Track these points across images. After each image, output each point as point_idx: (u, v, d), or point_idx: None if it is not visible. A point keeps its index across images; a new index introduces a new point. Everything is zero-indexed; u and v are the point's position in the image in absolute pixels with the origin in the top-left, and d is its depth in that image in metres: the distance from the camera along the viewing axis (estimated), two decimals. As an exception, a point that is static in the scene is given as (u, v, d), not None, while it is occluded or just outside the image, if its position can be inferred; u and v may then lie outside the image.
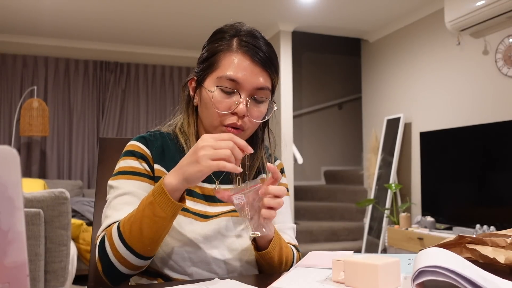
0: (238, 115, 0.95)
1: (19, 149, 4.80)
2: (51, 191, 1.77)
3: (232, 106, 0.94)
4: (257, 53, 0.96)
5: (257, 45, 0.97)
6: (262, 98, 0.98)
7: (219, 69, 0.96)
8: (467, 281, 0.60)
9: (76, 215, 3.77)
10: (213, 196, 0.99)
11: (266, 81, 0.98)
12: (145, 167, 0.97)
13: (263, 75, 0.96)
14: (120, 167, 0.97)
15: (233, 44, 0.97)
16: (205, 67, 0.99)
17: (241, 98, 0.94)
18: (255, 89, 0.95)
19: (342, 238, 4.64)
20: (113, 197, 0.94)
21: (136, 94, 5.24)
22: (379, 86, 4.76)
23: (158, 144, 1.00)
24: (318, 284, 0.73)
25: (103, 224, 0.92)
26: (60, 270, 1.76)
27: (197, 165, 0.80)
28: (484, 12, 3.25)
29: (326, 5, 4.02)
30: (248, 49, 0.96)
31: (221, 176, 1.02)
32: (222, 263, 0.94)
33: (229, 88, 0.94)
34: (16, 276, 0.41)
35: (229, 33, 0.99)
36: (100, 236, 0.89)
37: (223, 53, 0.97)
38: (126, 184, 0.94)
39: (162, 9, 4.06)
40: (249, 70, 0.95)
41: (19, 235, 0.41)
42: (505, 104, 3.33)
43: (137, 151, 0.98)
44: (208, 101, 0.96)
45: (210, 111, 0.96)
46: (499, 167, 3.21)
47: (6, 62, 4.79)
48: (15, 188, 0.41)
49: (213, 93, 0.95)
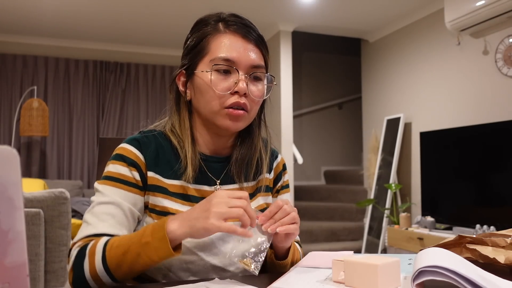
0: (240, 94, 0.91)
1: (19, 149, 4.80)
2: (51, 191, 1.77)
3: (231, 86, 0.91)
4: (248, 31, 0.94)
5: (245, 23, 0.95)
6: (260, 75, 0.95)
7: (210, 52, 0.93)
8: (467, 281, 0.60)
9: (76, 215, 3.78)
10: None
11: (261, 59, 0.95)
12: (135, 176, 0.91)
13: (256, 52, 0.94)
14: (109, 171, 0.91)
15: (219, 26, 0.95)
16: (193, 55, 0.95)
17: (240, 76, 0.91)
18: (251, 67, 0.93)
19: (342, 238, 4.64)
20: (97, 203, 0.89)
21: (136, 94, 5.24)
22: (379, 86, 4.76)
23: (152, 147, 0.94)
24: (318, 284, 0.73)
25: (83, 231, 0.87)
26: (60, 270, 1.76)
27: (206, 221, 0.76)
28: (484, 12, 3.25)
29: (326, 5, 4.02)
30: (237, 27, 0.94)
31: (221, 176, 0.98)
32: (222, 271, 0.90)
33: (225, 67, 0.91)
34: (16, 276, 0.41)
35: (212, 18, 0.97)
36: (78, 247, 0.84)
37: (211, 36, 0.94)
38: (112, 192, 0.89)
39: (162, 9, 4.06)
40: (243, 48, 0.92)
41: (19, 235, 0.41)
42: (505, 104, 3.33)
43: (128, 157, 0.92)
44: (204, 86, 0.92)
45: (209, 96, 0.92)
46: (499, 167, 3.21)
47: (6, 62, 4.79)
48: (15, 188, 0.41)
49: (210, 75, 0.91)
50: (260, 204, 1.02)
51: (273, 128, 1.12)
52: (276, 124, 4.47)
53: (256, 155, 1.01)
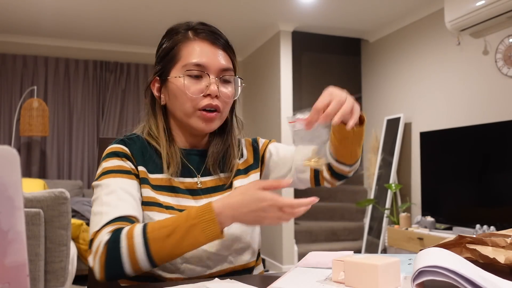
0: (212, 96, 0.97)
1: (19, 149, 4.80)
2: (51, 191, 1.77)
3: (203, 89, 0.97)
4: (216, 38, 1.01)
5: (213, 30, 1.02)
6: (229, 78, 1.01)
7: (182, 58, 0.99)
8: (467, 281, 0.60)
9: (76, 215, 3.78)
10: (196, 189, 1.01)
11: (229, 62, 1.02)
12: (131, 165, 0.96)
13: (224, 56, 1.01)
14: (104, 167, 0.93)
15: (189, 34, 1.01)
16: (166, 62, 1.01)
17: (211, 79, 0.97)
18: (220, 71, 0.99)
19: (342, 238, 4.64)
20: (103, 194, 0.89)
21: (136, 94, 5.24)
22: (379, 86, 4.76)
23: (137, 146, 1.00)
24: (318, 284, 0.73)
25: (100, 220, 0.85)
26: (60, 270, 1.76)
27: (260, 220, 0.83)
28: (484, 12, 3.25)
29: (326, 5, 4.02)
30: (206, 34, 1.00)
31: (201, 168, 1.04)
32: (213, 255, 0.94)
33: (196, 72, 0.97)
34: (16, 276, 0.41)
35: (182, 27, 1.03)
36: (108, 232, 0.83)
37: (181, 43, 1.00)
38: (114, 182, 0.91)
39: (162, 9, 4.06)
40: (212, 53, 0.99)
41: (19, 235, 0.41)
42: (505, 104, 3.33)
43: (120, 151, 0.97)
44: (177, 90, 0.98)
45: (182, 99, 0.97)
46: (499, 167, 3.21)
47: (6, 62, 4.79)
48: (15, 188, 0.41)
49: (182, 80, 0.97)
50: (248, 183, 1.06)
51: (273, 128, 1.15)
52: (276, 124, 4.47)
53: (231, 148, 1.07)
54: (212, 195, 1.02)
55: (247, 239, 1.00)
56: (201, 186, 1.02)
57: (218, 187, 1.04)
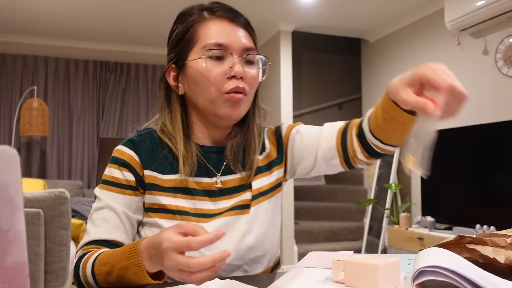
0: (237, 77, 0.88)
1: (19, 149, 4.80)
2: (51, 191, 1.77)
3: (226, 70, 0.88)
4: (235, 15, 0.92)
5: (230, 8, 0.94)
6: (252, 58, 0.92)
7: (199, 40, 0.90)
8: (467, 281, 0.60)
9: (76, 215, 3.78)
10: (215, 190, 0.93)
11: (251, 41, 0.93)
12: (126, 177, 0.90)
13: (246, 35, 0.93)
14: (105, 175, 0.92)
15: (204, 14, 0.92)
16: (182, 46, 0.92)
17: (234, 59, 0.89)
18: (243, 50, 0.90)
19: (342, 238, 4.64)
20: (94, 208, 0.90)
21: (136, 94, 5.24)
22: (379, 86, 4.76)
23: (147, 144, 0.93)
24: (318, 284, 0.73)
25: (84, 239, 0.89)
26: (60, 270, 1.76)
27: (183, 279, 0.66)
28: (484, 12, 3.24)
29: (326, 5, 4.02)
30: (223, 12, 0.92)
31: (221, 167, 0.96)
32: (225, 265, 0.88)
33: (218, 52, 0.88)
34: (16, 276, 0.41)
35: (195, 8, 0.94)
36: (77, 256, 0.87)
37: (197, 24, 0.91)
38: (106, 196, 0.89)
39: (162, 8, 4.06)
40: (232, 32, 0.90)
41: (19, 235, 0.41)
42: (505, 104, 3.33)
43: (121, 158, 0.91)
44: (198, 75, 0.89)
45: (205, 84, 0.88)
46: (499, 167, 3.21)
47: (6, 62, 4.79)
48: (15, 188, 0.41)
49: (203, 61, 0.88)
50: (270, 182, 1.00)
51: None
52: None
53: (253, 141, 0.97)
54: (233, 196, 0.94)
55: (263, 247, 0.94)
56: (221, 186, 0.94)
57: (240, 187, 0.96)
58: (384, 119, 0.83)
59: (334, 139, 0.98)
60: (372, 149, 0.93)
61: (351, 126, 0.97)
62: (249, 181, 0.96)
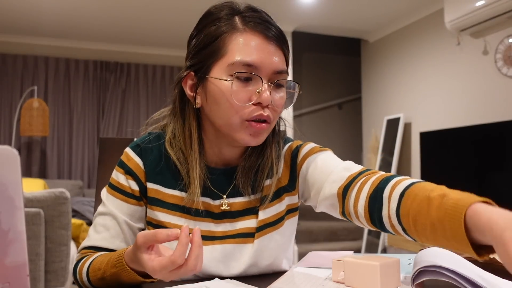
0: (263, 105, 0.79)
1: (19, 149, 4.80)
2: (52, 191, 1.77)
3: (252, 95, 0.79)
4: (268, 28, 0.80)
5: (265, 18, 0.82)
6: (283, 82, 0.82)
7: (227, 54, 0.79)
8: (467, 281, 0.60)
9: (76, 215, 3.78)
10: (218, 213, 0.87)
11: (283, 62, 0.83)
12: (131, 185, 0.87)
13: (278, 54, 0.81)
14: (112, 178, 0.90)
15: (235, 22, 0.81)
16: (205, 56, 0.81)
17: (263, 85, 0.79)
18: (274, 73, 0.80)
19: (342, 238, 4.64)
20: (98, 212, 0.89)
21: (136, 94, 5.24)
22: (379, 86, 4.76)
23: (155, 153, 0.87)
24: (318, 284, 0.73)
25: (84, 241, 0.89)
26: (60, 270, 1.76)
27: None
28: (484, 12, 3.25)
29: (326, 5, 4.02)
30: (256, 24, 0.80)
31: (227, 189, 0.88)
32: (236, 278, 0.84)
33: (246, 74, 0.78)
34: (16, 276, 0.41)
35: (225, 11, 0.83)
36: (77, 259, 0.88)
37: (227, 34, 0.80)
38: (111, 203, 0.88)
39: (162, 8, 4.06)
40: (265, 50, 0.79)
41: (19, 235, 0.41)
42: (505, 104, 3.33)
43: (127, 165, 0.87)
44: (220, 95, 0.79)
45: (225, 107, 0.79)
46: (499, 167, 3.21)
47: (6, 62, 4.79)
48: (16, 188, 0.41)
49: (230, 84, 0.78)
50: (280, 211, 0.91)
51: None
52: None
53: (268, 164, 0.88)
54: (237, 219, 0.87)
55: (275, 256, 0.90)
56: (228, 209, 0.87)
57: (246, 211, 0.88)
58: (434, 235, 0.65)
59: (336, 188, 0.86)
60: (383, 226, 0.77)
61: (364, 182, 0.81)
62: (257, 206, 0.89)
